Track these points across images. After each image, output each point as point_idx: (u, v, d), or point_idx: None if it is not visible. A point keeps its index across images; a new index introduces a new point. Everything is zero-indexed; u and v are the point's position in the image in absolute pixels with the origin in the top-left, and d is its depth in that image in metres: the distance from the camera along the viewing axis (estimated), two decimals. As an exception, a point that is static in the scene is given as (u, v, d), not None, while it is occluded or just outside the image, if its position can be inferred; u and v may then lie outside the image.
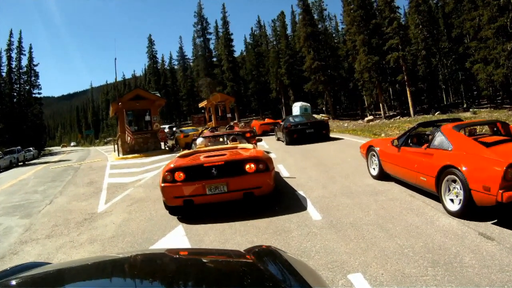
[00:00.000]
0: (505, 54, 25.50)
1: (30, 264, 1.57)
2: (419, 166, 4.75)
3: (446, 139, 4.48)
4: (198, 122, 37.57)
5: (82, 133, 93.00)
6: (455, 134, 4.49)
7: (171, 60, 73.03)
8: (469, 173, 3.80)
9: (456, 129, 4.59)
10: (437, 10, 42.42)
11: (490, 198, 3.57)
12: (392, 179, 5.80)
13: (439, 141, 4.58)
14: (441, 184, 4.24)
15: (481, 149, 4.02)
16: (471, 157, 3.98)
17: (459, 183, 3.94)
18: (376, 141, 6.75)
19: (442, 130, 4.66)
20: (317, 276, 1.42)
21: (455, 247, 3.18)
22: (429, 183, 4.49)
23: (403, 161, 5.21)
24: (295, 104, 23.07)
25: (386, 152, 5.80)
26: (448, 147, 4.38)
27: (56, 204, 7.40)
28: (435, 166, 4.32)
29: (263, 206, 5.07)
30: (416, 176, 4.84)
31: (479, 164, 3.81)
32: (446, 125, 4.82)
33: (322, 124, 13.51)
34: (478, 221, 3.75)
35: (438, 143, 4.58)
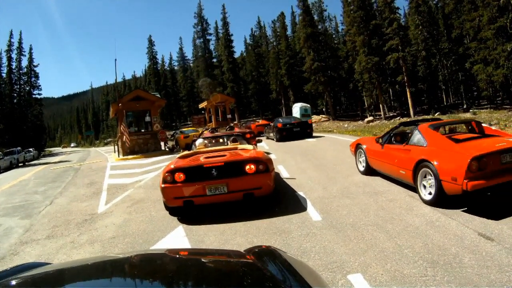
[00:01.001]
0: (505, 55, 25.50)
1: (31, 264, 1.57)
2: (399, 161, 5.27)
3: (422, 136, 4.99)
4: (198, 123, 37.63)
5: (82, 134, 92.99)
6: (430, 132, 4.99)
7: (171, 61, 73.25)
8: (439, 166, 4.31)
9: (431, 128, 5.08)
10: (437, 10, 42.43)
11: (457, 188, 4.07)
12: (377, 174, 6.29)
13: (416, 138, 5.10)
14: (417, 176, 4.75)
15: (451, 145, 4.53)
16: (442, 152, 4.48)
17: (432, 175, 4.44)
18: (363, 140, 7.20)
19: (419, 128, 5.17)
20: (317, 276, 1.43)
21: (455, 248, 3.18)
22: (407, 176, 5.02)
23: (386, 157, 5.72)
24: (295, 105, 23.07)
25: (371, 149, 6.33)
26: (424, 144, 4.89)
27: (57, 204, 7.40)
28: (412, 160, 4.84)
29: (263, 207, 5.08)
30: (396, 170, 5.37)
31: (448, 158, 4.32)
32: (423, 124, 5.31)
33: (307, 124, 16.12)
34: (477, 222, 3.76)
35: (415, 140, 5.10)
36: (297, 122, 16.19)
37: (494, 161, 4.13)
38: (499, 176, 4.07)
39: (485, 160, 4.06)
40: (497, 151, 4.18)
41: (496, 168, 4.12)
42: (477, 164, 4.02)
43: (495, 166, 4.12)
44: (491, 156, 4.12)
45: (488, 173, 4.05)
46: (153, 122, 18.72)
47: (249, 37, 64.46)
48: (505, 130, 8.81)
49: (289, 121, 16.39)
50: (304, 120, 17.05)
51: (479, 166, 4.03)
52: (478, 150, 4.21)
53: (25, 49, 44.39)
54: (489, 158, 4.10)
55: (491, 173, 4.07)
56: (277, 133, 15.51)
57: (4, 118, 37.62)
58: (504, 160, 4.16)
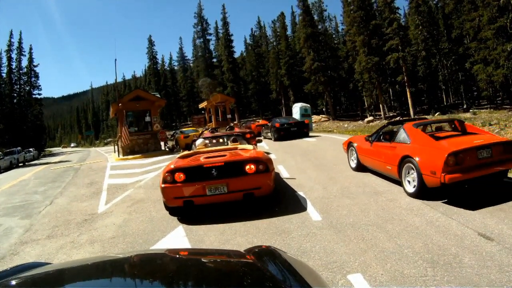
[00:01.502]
0: (505, 55, 25.50)
1: (31, 264, 1.57)
2: (386, 157, 5.71)
3: (407, 134, 5.40)
4: (198, 123, 37.61)
5: (82, 134, 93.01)
6: (413, 130, 5.40)
7: (171, 61, 73.22)
8: (421, 161, 4.73)
9: (415, 127, 5.50)
10: (437, 10, 42.43)
11: (436, 180, 4.47)
12: (367, 170, 6.71)
13: (402, 136, 5.52)
14: (402, 171, 5.18)
15: (431, 142, 4.93)
16: (424, 148, 4.90)
17: (414, 170, 4.86)
18: (354, 138, 7.61)
19: (404, 127, 5.59)
20: (316, 276, 1.43)
21: (455, 248, 3.18)
22: (393, 171, 5.43)
23: (375, 154, 6.16)
24: (295, 105, 23.04)
25: (362, 147, 6.76)
26: (408, 141, 5.30)
27: (57, 204, 7.40)
28: (397, 156, 5.27)
29: (263, 207, 5.08)
30: (384, 166, 5.81)
31: (428, 154, 4.72)
32: (408, 123, 5.69)
33: (304, 124, 16.43)
34: (477, 221, 3.76)
35: (401, 138, 5.51)
36: (294, 122, 16.70)
37: (470, 156, 4.52)
38: (476, 170, 4.47)
39: (461, 155, 4.46)
40: (473, 147, 4.58)
41: (473, 163, 4.51)
42: (454, 159, 4.41)
43: (472, 161, 4.52)
44: (467, 152, 4.52)
45: (465, 168, 4.44)
46: (153, 122, 18.72)
47: (249, 37, 64.56)
48: (505, 130, 8.81)
49: (286, 121, 16.87)
50: (301, 120, 17.48)
51: (456, 160, 4.42)
52: (456, 146, 4.61)
53: (25, 49, 44.45)
54: (465, 153, 4.50)
55: (468, 168, 4.46)
56: (275, 133, 15.92)
57: (4, 118, 37.61)
58: (480, 155, 4.57)
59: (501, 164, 4.68)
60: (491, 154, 4.66)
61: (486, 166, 4.57)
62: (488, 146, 4.68)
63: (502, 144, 4.81)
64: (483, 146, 4.64)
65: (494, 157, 4.66)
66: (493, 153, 4.67)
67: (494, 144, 4.75)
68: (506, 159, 4.72)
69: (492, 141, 4.82)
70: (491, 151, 4.66)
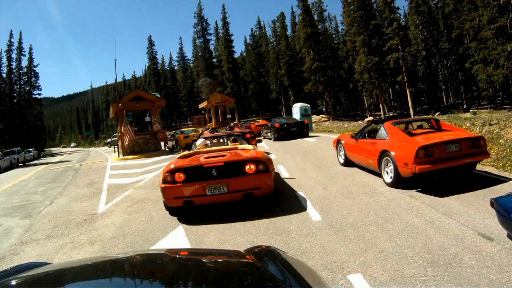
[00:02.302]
0: (505, 55, 25.48)
1: (31, 264, 1.57)
2: (368, 152, 6.33)
3: (386, 132, 6.03)
4: (198, 123, 37.63)
5: (82, 133, 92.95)
6: (391, 128, 6.03)
7: (171, 60, 73.02)
8: (396, 154, 5.38)
9: (394, 125, 6.14)
10: (437, 10, 42.45)
11: (408, 171, 5.10)
12: (354, 165, 7.33)
13: (382, 133, 6.14)
14: (381, 164, 5.83)
15: (406, 137, 5.59)
16: (399, 143, 5.54)
17: (391, 162, 5.50)
18: (342, 136, 8.26)
19: (384, 125, 6.21)
20: (316, 276, 1.43)
21: (455, 248, 3.18)
22: (374, 164, 6.06)
23: (359, 149, 6.78)
24: (295, 105, 23.03)
25: (349, 144, 7.39)
26: (386, 137, 5.94)
27: (57, 204, 7.40)
28: (377, 151, 5.90)
29: (263, 207, 5.08)
30: (366, 160, 6.43)
31: (402, 148, 5.34)
32: (387, 122, 6.32)
33: (303, 125, 16.52)
34: (477, 221, 3.76)
35: (381, 135, 6.15)
36: (294, 122, 16.80)
37: (440, 150, 5.08)
38: (445, 162, 5.03)
39: (431, 149, 5.02)
40: (442, 142, 5.14)
41: (442, 156, 5.05)
42: (424, 152, 4.98)
43: (441, 154, 5.06)
44: (437, 146, 5.08)
45: (434, 160, 4.99)
46: (153, 122, 18.72)
47: (249, 37, 64.56)
48: (505, 130, 8.81)
49: (286, 121, 16.96)
50: (300, 120, 17.53)
51: (426, 153, 4.99)
52: (426, 141, 5.22)
53: (25, 49, 44.42)
54: (435, 147, 5.07)
55: (437, 160, 5.01)
56: (275, 133, 16.00)
57: (4, 118, 37.59)
58: (449, 149, 5.13)
59: (469, 157, 5.21)
60: (460, 148, 5.19)
61: (455, 158, 5.11)
62: (457, 141, 5.21)
63: (470, 139, 5.33)
64: (452, 141, 5.18)
65: (463, 151, 5.19)
66: (462, 147, 5.20)
67: (462, 139, 5.28)
68: (474, 152, 5.25)
69: (460, 137, 5.37)
70: (460, 145, 5.20)
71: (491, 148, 7.47)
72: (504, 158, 6.69)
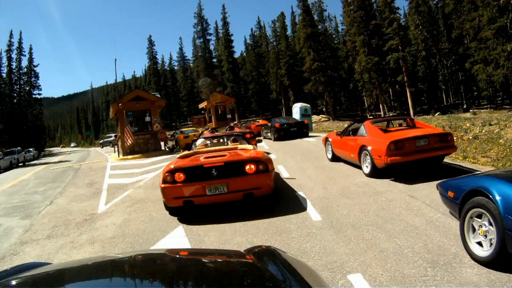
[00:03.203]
0: (505, 55, 25.48)
1: (31, 264, 1.57)
2: (350, 148, 7.16)
3: (365, 129, 6.82)
4: (198, 123, 37.64)
5: (82, 133, 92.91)
6: (369, 126, 6.84)
7: (171, 60, 73.01)
8: (372, 148, 6.18)
9: (372, 123, 6.99)
10: (437, 10, 42.43)
11: (381, 162, 5.91)
12: (340, 160, 8.10)
13: (361, 131, 6.94)
14: (361, 158, 6.64)
15: (381, 134, 6.38)
16: (375, 139, 6.30)
17: (368, 155, 6.31)
18: (330, 134, 9.05)
19: (363, 124, 7.04)
20: (316, 276, 1.43)
21: (455, 248, 3.18)
22: (355, 158, 6.87)
23: (343, 145, 7.58)
24: (295, 105, 23.01)
25: (335, 141, 8.15)
26: (365, 134, 6.74)
27: (56, 204, 7.40)
28: (357, 146, 6.72)
29: (263, 207, 5.08)
30: (349, 154, 7.27)
31: (377, 143, 6.11)
32: (367, 121, 7.18)
33: (303, 125, 16.59)
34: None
35: (361, 132, 6.94)
36: (294, 122, 16.80)
37: (409, 144, 5.87)
38: (414, 155, 5.82)
39: (400, 143, 5.82)
40: (411, 137, 5.94)
41: (412, 149, 5.84)
42: (395, 146, 5.77)
43: (411, 148, 5.85)
44: (406, 141, 5.88)
45: (404, 152, 5.80)
46: (153, 122, 18.71)
47: (249, 37, 64.52)
48: (505, 130, 8.81)
49: (286, 121, 16.96)
50: (300, 121, 17.53)
51: (396, 147, 5.77)
52: (397, 136, 6.02)
53: (25, 49, 44.31)
54: (404, 142, 5.87)
55: (407, 152, 5.82)
56: (275, 133, 16.00)
57: (4, 118, 37.57)
58: (418, 144, 5.89)
59: (436, 150, 5.98)
60: (428, 143, 5.92)
61: (423, 152, 5.88)
62: (426, 137, 5.95)
63: (438, 135, 6.12)
64: (421, 137, 5.94)
65: (431, 145, 5.93)
66: (430, 142, 5.93)
67: (431, 135, 6.03)
68: (441, 146, 6.02)
69: (429, 133, 6.13)
70: (428, 140, 5.94)
71: (491, 148, 7.48)
72: (504, 158, 6.69)
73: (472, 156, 7.12)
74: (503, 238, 2.54)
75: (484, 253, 2.79)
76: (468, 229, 2.97)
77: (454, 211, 3.23)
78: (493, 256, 2.67)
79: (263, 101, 54.11)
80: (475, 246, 2.90)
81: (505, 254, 2.57)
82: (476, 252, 2.87)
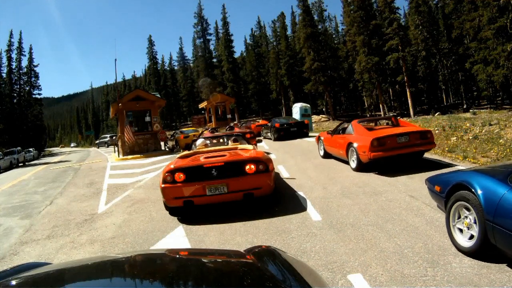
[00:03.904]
0: (505, 55, 25.48)
1: (31, 264, 1.57)
2: (339, 145, 7.76)
3: (352, 128, 7.45)
4: (198, 123, 37.67)
5: (82, 134, 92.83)
6: (356, 125, 7.45)
7: (171, 61, 72.99)
8: (358, 145, 6.79)
9: (358, 122, 7.57)
10: (437, 11, 42.44)
11: (366, 157, 6.51)
12: (331, 157, 8.73)
13: (349, 129, 7.56)
14: (348, 154, 7.25)
15: (366, 132, 6.97)
16: (360, 137, 6.90)
17: (354, 151, 6.90)
18: (322, 133, 9.62)
19: (351, 123, 7.63)
20: (316, 276, 1.43)
21: (455, 248, 3.18)
22: (343, 154, 7.50)
23: (334, 143, 8.18)
24: (295, 105, 23.00)
25: (326, 139, 8.78)
26: (352, 132, 7.36)
27: (56, 205, 7.40)
28: (345, 143, 7.33)
29: (263, 207, 5.08)
30: (338, 151, 7.86)
31: (362, 140, 6.69)
32: (354, 120, 7.79)
33: (303, 125, 16.72)
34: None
35: (349, 130, 7.56)
36: (294, 122, 16.82)
37: (391, 141, 6.45)
38: (395, 150, 6.41)
39: (382, 140, 6.41)
40: (393, 134, 6.55)
41: (393, 145, 6.43)
42: (377, 142, 6.36)
43: (393, 144, 6.44)
44: (388, 138, 6.46)
45: (386, 148, 6.39)
46: (153, 122, 18.71)
47: (249, 37, 64.48)
48: (505, 130, 8.81)
49: (286, 121, 16.98)
50: (300, 121, 17.54)
51: (379, 143, 6.37)
52: (379, 134, 6.60)
53: (25, 49, 44.29)
54: (386, 139, 6.45)
55: (389, 148, 6.40)
56: (275, 133, 16.01)
57: (4, 118, 37.56)
58: (399, 140, 6.49)
59: (416, 146, 6.57)
60: (409, 140, 6.52)
61: (404, 147, 6.46)
62: (406, 134, 6.56)
63: (418, 133, 6.69)
64: (402, 134, 6.56)
65: (411, 142, 6.52)
66: (410, 139, 6.53)
67: (411, 132, 6.64)
68: (421, 143, 6.62)
69: (409, 130, 6.76)
70: (409, 137, 6.54)
71: (491, 148, 7.47)
72: (504, 158, 6.69)
73: (472, 156, 7.12)
74: (484, 229, 2.73)
75: (468, 244, 2.95)
76: (454, 221, 3.14)
77: (440, 204, 3.43)
78: (476, 247, 2.84)
79: (263, 101, 54.12)
80: (459, 237, 3.07)
81: (488, 245, 2.72)
82: (461, 243, 3.04)
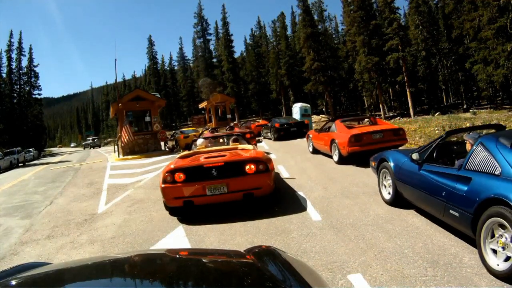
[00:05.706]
0: (505, 55, 25.50)
1: (31, 264, 1.57)
2: (324, 141, 8.75)
3: (335, 126, 8.37)
4: (198, 123, 37.63)
5: (82, 134, 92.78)
6: (339, 123, 8.35)
7: (171, 61, 72.98)
8: (339, 141, 7.78)
9: (340, 121, 8.48)
10: (437, 10, 42.44)
11: (345, 151, 7.54)
12: (319, 153, 9.54)
13: (333, 127, 8.46)
14: (331, 149, 8.20)
15: (346, 129, 7.91)
16: (341, 134, 7.83)
17: (336, 147, 7.90)
18: (311, 131, 10.63)
19: (335, 122, 8.57)
20: (316, 276, 1.43)
21: (455, 248, 3.18)
22: (328, 149, 8.47)
23: (320, 140, 9.12)
24: (295, 105, 22.98)
25: (314, 136, 9.78)
26: (335, 130, 8.29)
27: (57, 204, 7.40)
28: (329, 140, 8.31)
29: (263, 207, 5.08)
30: (324, 147, 8.79)
31: (342, 137, 7.68)
32: (337, 120, 8.64)
33: (303, 125, 16.90)
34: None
35: (333, 128, 8.46)
36: (294, 122, 16.84)
37: (367, 137, 7.46)
38: (370, 145, 7.28)
39: (359, 136, 7.39)
40: (369, 131, 7.57)
41: (369, 141, 7.43)
42: (354, 138, 7.35)
43: (368, 140, 7.44)
44: (364, 134, 7.46)
45: (362, 143, 7.37)
46: (153, 122, 18.70)
47: (249, 37, 64.49)
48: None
49: (286, 121, 17.00)
50: (300, 121, 17.55)
51: (356, 139, 7.35)
52: (357, 131, 7.61)
53: (25, 49, 44.33)
54: (363, 135, 7.44)
55: (365, 144, 7.37)
56: (275, 133, 16.02)
57: (4, 118, 37.56)
58: (374, 137, 7.52)
59: (389, 142, 7.46)
60: (383, 136, 7.57)
61: (378, 143, 7.39)
62: (380, 131, 7.63)
63: (392, 130, 7.82)
64: (377, 131, 7.60)
65: (385, 138, 7.55)
66: (384, 136, 7.58)
67: (385, 130, 7.76)
68: (395, 139, 7.65)
69: (383, 128, 7.87)
70: (383, 134, 7.60)
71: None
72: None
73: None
74: (395, 186, 4.30)
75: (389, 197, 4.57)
76: (382, 182, 4.81)
77: (375, 173, 5.07)
78: (392, 199, 4.50)
79: (263, 101, 54.13)
80: (385, 193, 4.70)
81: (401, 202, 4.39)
82: (385, 197, 4.70)
